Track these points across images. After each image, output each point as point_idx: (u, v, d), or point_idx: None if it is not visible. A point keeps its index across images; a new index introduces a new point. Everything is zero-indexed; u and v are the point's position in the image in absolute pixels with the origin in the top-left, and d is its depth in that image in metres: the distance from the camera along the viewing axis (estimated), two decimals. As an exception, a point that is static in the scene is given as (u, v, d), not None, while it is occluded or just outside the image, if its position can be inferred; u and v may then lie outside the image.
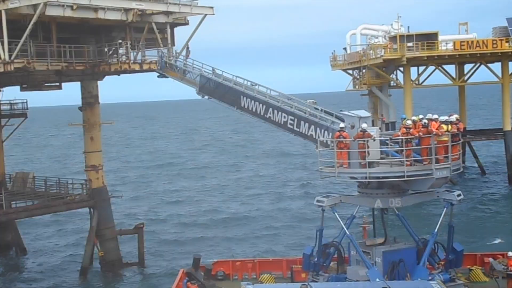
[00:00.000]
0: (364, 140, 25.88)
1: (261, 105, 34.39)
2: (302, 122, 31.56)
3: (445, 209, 27.50)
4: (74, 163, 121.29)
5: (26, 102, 60.36)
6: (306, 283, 20.96)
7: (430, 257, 27.82)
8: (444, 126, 26.26)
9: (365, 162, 26.03)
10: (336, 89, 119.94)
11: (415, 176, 26.04)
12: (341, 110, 30.79)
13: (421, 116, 27.93)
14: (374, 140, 26.32)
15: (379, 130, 29.37)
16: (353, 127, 26.95)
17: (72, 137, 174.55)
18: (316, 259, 28.61)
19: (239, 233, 65.32)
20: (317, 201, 28.08)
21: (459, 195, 27.14)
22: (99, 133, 52.80)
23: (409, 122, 26.82)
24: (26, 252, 59.99)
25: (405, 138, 25.89)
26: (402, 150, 26.04)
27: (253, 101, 34.81)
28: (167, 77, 40.42)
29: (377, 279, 24.03)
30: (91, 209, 52.15)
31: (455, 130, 26.69)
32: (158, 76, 40.44)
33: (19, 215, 51.14)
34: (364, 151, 25.91)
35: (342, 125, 27.00)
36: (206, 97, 40.00)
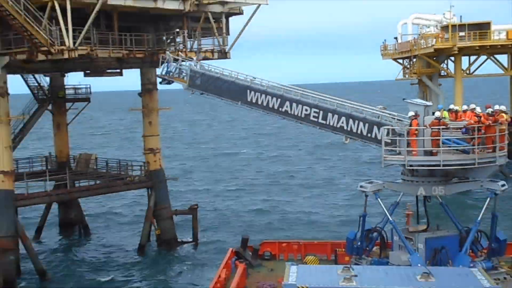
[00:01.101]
0: (439, 128, 25.39)
1: (274, 98, 31.81)
2: (330, 115, 29.70)
3: (488, 198, 26.91)
4: (133, 146, 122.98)
5: (90, 87, 61.21)
6: (349, 266, 20.83)
7: (472, 245, 27.44)
8: (505, 115, 26.22)
9: (438, 150, 25.42)
10: (385, 78, 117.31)
11: (484, 164, 25.70)
12: (404, 99, 30.25)
13: (464, 107, 27.69)
14: (449, 128, 25.93)
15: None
16: (417, 115, 26.29)
17: (132, 122, 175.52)
18: (359, 243, 28.62)
19: (287, 217, 65.53)
20: (361, 186, 27.90)
21: (503, 185, 26.65)
22: (157, 118, 53.68)
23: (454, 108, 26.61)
24: (88, 229, 61.44)
25: (477, 126, 25.33)
26: (471, 138, 25.44)
27: (264, 95, 32.15)
28: (171, 83, 38.69)
29: (419, 265, 23.75)
30: (149, 190, 53.20)
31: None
32: (160, 83, 38.81)
33: (82, 194, 52.66)
34: (438, 139, 25.35)
35: (411, 113, 26.41)
36: (197, 92, 36.68)
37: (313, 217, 64.66)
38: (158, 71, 38.17)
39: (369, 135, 27.99)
